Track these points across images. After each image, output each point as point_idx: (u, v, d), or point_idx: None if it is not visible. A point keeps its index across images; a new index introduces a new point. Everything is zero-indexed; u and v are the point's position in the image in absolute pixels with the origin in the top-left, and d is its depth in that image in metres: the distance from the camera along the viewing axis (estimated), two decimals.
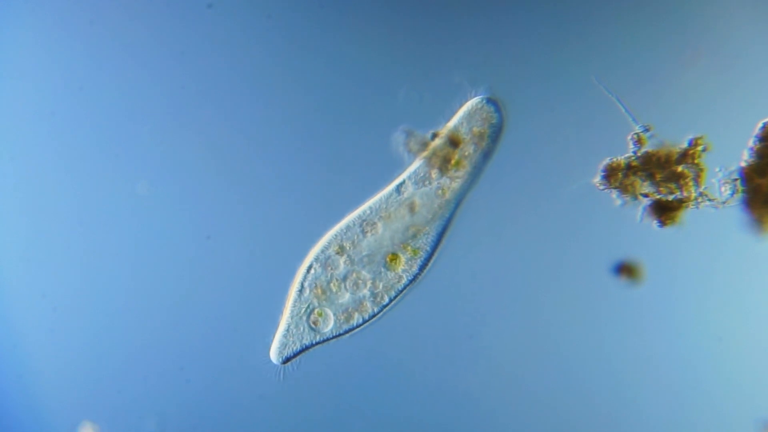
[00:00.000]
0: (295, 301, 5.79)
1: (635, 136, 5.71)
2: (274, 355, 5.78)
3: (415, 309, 5.87)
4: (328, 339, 5.81)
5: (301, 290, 5.77)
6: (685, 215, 5.72)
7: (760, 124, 5.63)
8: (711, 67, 5.71)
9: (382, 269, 5.77)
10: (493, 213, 5.85)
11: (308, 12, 5.85)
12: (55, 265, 5.98)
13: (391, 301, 5.80)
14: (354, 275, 5.75)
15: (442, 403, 5.88)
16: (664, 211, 5.72)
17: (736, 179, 5.66)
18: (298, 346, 5.79)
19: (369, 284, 5.77)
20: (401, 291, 5.81)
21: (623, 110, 5.66)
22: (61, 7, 5.90)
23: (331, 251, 5.78)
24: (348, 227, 5.78)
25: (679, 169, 5.69)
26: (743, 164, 5.66)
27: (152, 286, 5.91)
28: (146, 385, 5.93)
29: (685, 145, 5.70)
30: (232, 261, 5.86)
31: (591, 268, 5.80)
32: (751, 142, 5.64)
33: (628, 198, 5.74)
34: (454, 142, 5.75)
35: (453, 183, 5.78)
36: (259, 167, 5.91)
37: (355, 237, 5.76)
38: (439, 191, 5.78)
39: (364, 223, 5.76)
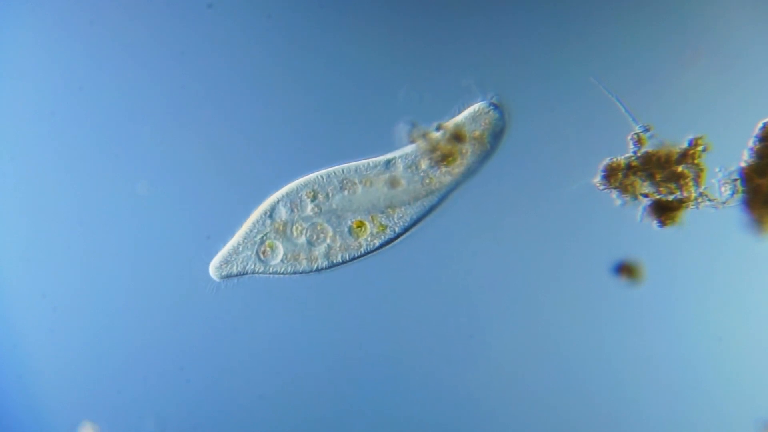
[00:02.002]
0: (253, 227, 5.77)
1: (635, 136, 5.71)
2: (213, 269, 5.79)
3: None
4: (271, 273, 5.80)
5: (262, 219, 5.75)
6: (685, 215, 5.72)
7: (760, 124, 5.63)
8: (711, 67, 5.71)
9: (346, 232, 5.76)
10: (493, 212, 5.85)
11: (308, 12, 5.85)
12: (55, 265, 5.98)
13: (343, 262, 5.80)
14: (318, 227, 5.74)
15: (440, 400, 5.88)
16: (664, 211, 5.71)
17: (736, 179, 5.66)
18: (239, 269, 5.79)
19: (328, 238, 5.76)
20: (355, 258, 5.81)
21: (623, 110, 5.66)
22: (61, 7, 5.91)
23: (303, 195, 5.76)
24: (328, 179, 5.77)
25: (679, 169, 5.69)
26: (743, 164, 5.66)
27: (152, 286, 5.91)
28: (146, 385, 5.93)
29: (685, 145, 5.69)
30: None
31: (591, 268, 5.80)
32: (751, 142, 5.64)
33: (628, 198, 5.73)
34: (457, 137, 5.75)
35: (443, 177, 5.78)
36: (259, 167, 5.91)
37: (331, 191, 5.75)
38: (426, 180, 5.78)
39: (345, 181, 5.75)
